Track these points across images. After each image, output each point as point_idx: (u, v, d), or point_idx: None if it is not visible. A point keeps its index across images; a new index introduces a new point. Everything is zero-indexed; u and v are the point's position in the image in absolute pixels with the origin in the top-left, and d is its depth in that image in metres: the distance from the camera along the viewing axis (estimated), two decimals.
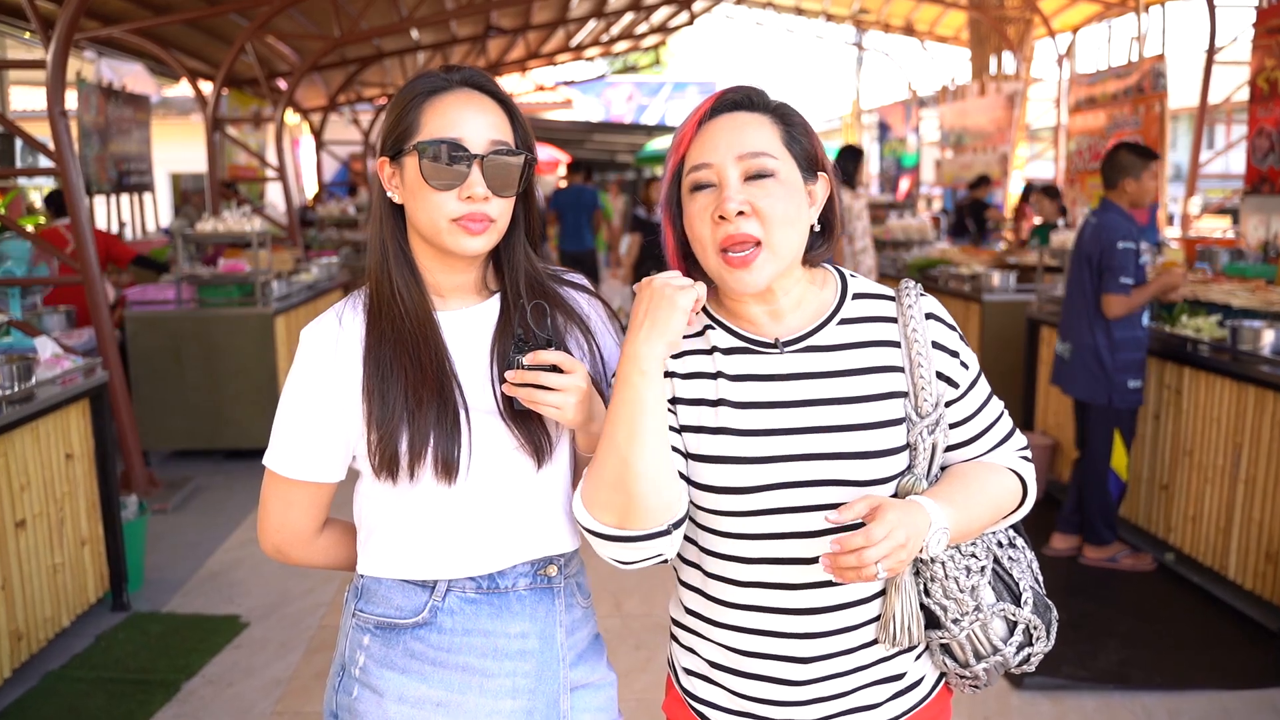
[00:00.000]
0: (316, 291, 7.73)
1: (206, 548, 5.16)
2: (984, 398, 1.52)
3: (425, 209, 1.45)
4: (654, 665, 3.82)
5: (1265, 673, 3.74)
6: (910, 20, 17.06)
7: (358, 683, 1.54)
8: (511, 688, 1.54)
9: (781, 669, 1.46)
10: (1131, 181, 4.54)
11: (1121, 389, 4.54)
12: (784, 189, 1.39)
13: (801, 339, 1.46)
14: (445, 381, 1.48)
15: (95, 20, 8.67)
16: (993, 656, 1.47)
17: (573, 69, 25.07)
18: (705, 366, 1.47)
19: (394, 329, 1.48)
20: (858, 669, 1.47)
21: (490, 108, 1.49)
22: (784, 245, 1.38)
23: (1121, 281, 4.44)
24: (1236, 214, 10.19)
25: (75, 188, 5.42)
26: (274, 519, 1.56)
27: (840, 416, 1.42)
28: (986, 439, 1.53)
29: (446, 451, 1.45)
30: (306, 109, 14.88)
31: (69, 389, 4.06)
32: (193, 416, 6.57)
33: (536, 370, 1.41)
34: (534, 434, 1.50)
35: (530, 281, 1.57)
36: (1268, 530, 4.04)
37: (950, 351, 1.48)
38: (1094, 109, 11.04)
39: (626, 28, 17.07)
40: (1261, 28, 7.70)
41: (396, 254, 1.51)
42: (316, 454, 1.50)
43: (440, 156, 1.43)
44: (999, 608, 1.46)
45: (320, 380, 1.48)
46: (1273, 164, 7.61)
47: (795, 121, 1.44)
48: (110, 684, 3.75)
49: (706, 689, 1.55)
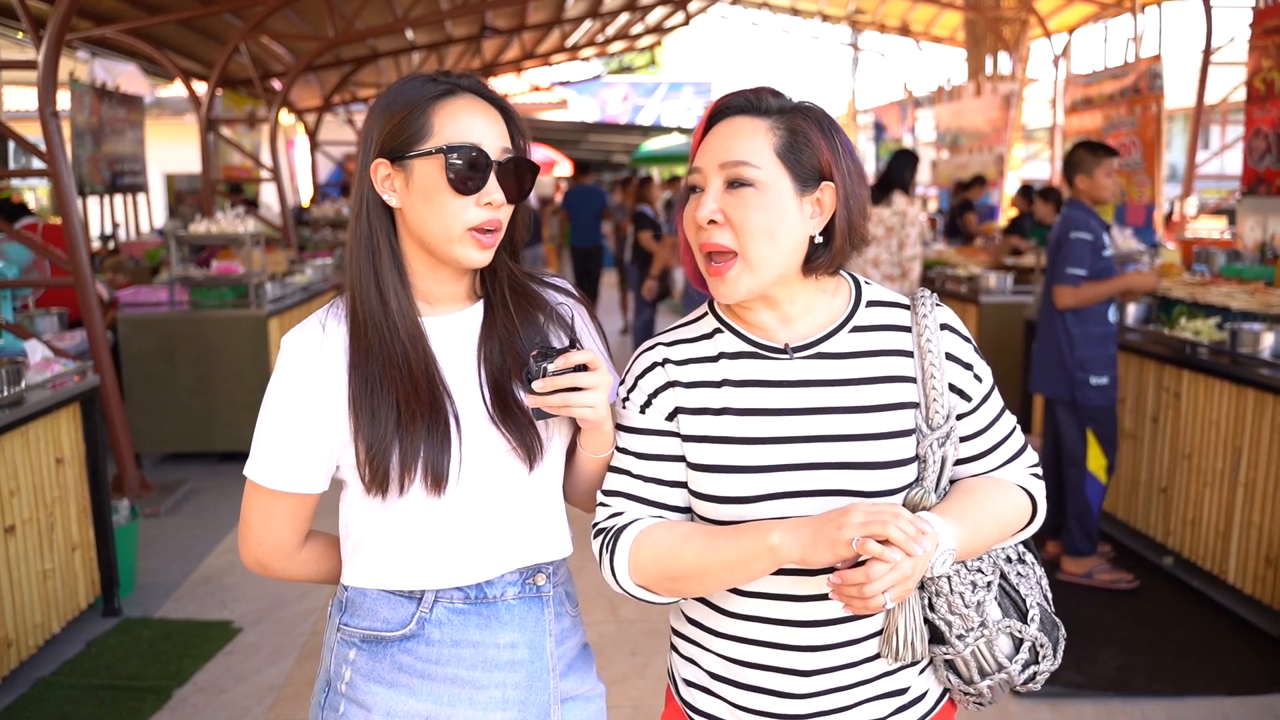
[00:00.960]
0: (311, 293, 7.69)
1: (199, 552, 5.12)
2: (996, 412, 1.50)
3: (440, 215, 1.41)
4: (650, 671, 3.79)
5: (1265, 678, 3.71)
6: (906, 20, 17.07)
7: (344, 699, 1.51)
8: (502, 699, 1.51)
9: (783, 681, 1.43)
10: (1084, 178, 4.52)
11: (1084, 386, 4.47)
12: (763, 199, 1.35)
13: (811, 345, 1.43)
14: (436, 394, 1.44)
15: (88, 20, 8.63)
16: (998, 674, 1.44)
17: (568, 69, 25.06)
18: (710, 375, 1.45)
19: (380, 341, 1.43)
20: (860, 683, 1.44)
21: (496, 116, 1.46)
22: (761, 258, 1.35)
23: (1069, 272, 4.40)
24: (1233, 215, 10.19)
25: (67, 189, 5.38)
26: (255, 531, 1.52)
27: (849, 426, 1.39)
28: (998, 454, 1.51)
29: (436, 463, 1.42)
30: (301, 109, 14.83)
31: (59, 393, 4.02)
32: (186, 419, 6.53)
33: (566, 374, 1.39)
34: (526, 436, 1.47)
35: (514, 285, 1.55)
36: (1267, 534, 4.02)
37: (964, 364, 1.45)
38: (1090, 110, 11.03)
39: (622, 28, 17.07)
40: (1258, 28, 7.69)
41: (387, 258, 1.45)
42: (299, 464, 1.46)
43: (465, 161, 1.40)
44: (1005, 624, 1.43)
45: (303, 389, 1.44)
46: (1269, 165, 7.60)
47: (800, 129, 1.38)
48: (101, 690, 3.72)
49: (706, 700, 1.52)
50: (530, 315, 1.53)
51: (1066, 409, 4.57)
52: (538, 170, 1.50)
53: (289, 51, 11.58)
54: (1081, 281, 4.41)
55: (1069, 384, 4.50)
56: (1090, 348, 4.48)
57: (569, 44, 16.99)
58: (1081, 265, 4.41)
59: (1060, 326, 4.51)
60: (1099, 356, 4.49)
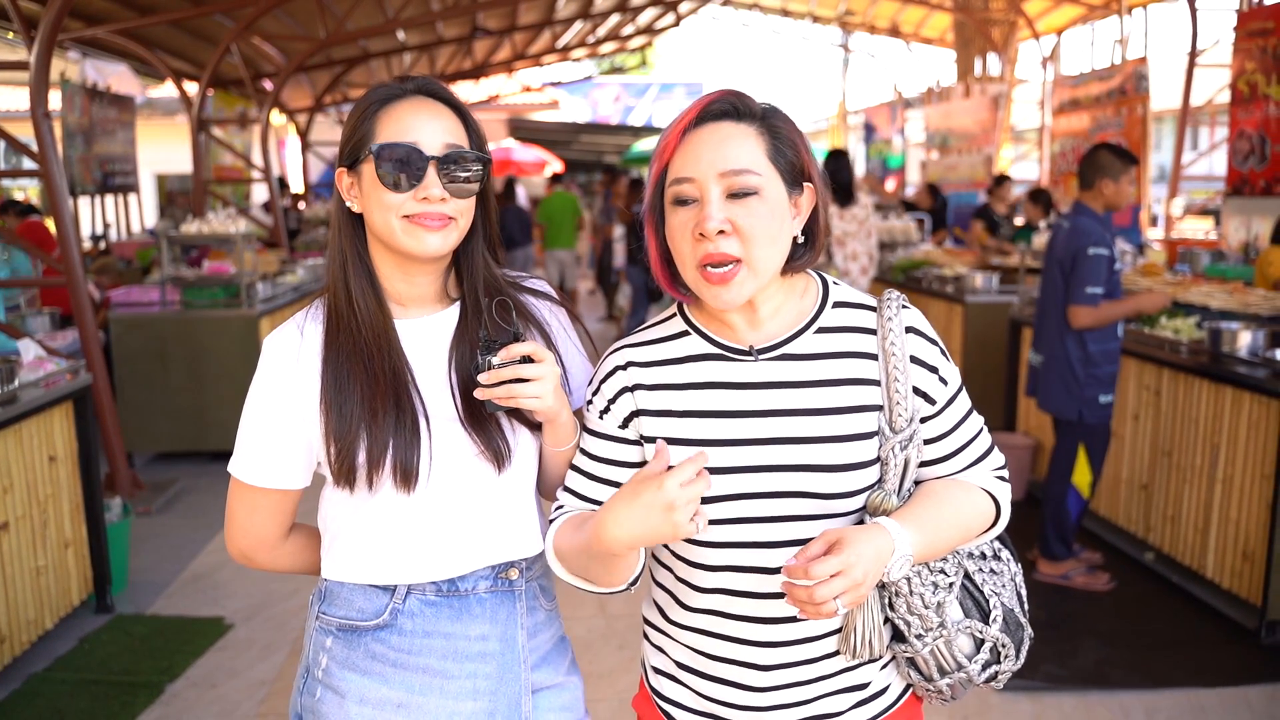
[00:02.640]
0: (302, 293, 7.72)
1: (191, 550, 5.16)
2: (962, 414, 1.49)
3: (380, 212, 1.46)
4: (636, 666, 3.81)
5: (1241, 671, 3.78)
6: (896, 22, 17.14)
7: (320, 684, 1.56)
8: (472, 689, 1.55)
9: (743, 674, 1.46)
10: (1109, 183, 4.36)
11: (1092, 404, 4.39)
12: (766, 206, 1.35)
13: (776, 347, 1.43)
14: (401, 391, 1.49)
15: (79, 21, 8.65)
16: (957, 672, 1.44)
17: (559, 70, 25.11)
18: (674, 377, 1.46)
19: (350, 339, 1.49)
20: (819, 678, 1.46)
21: (443, 113, 1.50)
22: (764, 262, 1.36)
23: (1088, 291, 4.25)
24: (1219, 215, 10.27)
25: (59, 189, 5.41)
26: (240, 525, 1.58)
27: (811, 428, 1.40)
28: (962, 456, 1.50)
29: (406, 460, 1.47)
30: (292, 110, 14.84)
31: (52, 391, 4.06)
32: (177, 418, 6.55)
33: (510, 365, 1.42)
34: (493, 440, 1.52)
35: (490, 288, 1.58)
36: (1245, 530, 4.09)
37: (929, 367, 1.44)
38: (1077, 111, 11.12)
39: (613, 29, 17.10)
40: (1242, 31, 7.78)
41: (355, 263, 1.52)
42: (279, 461, 1.52)
43: (395, 159, 1.44)
44: (965, 624, 1.43)
45: (282, 390, 1.50)
46: (1253, 166, 7.68)
47: (782, 133, 1.39)
48: (94, 686, 3.75)
49: (673, 688, 1.56)
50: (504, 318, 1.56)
51: (1068, 426, 4.50)
52: (488, 163, 1.52)
53: (280, 52, 11.59)
54: (1100, 301, 4.28)
55: (1078, 403, 4.40)
56: (1104, 365, 4.38)
57: (560, 45, 17.02)
58: (1100, 284, 4.26)
59: (1074, 345, 4.38)
60: (1109, 374, 4.40)
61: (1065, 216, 4.54)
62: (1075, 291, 4.29)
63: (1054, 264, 4.46)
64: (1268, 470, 3.94)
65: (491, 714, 1.57)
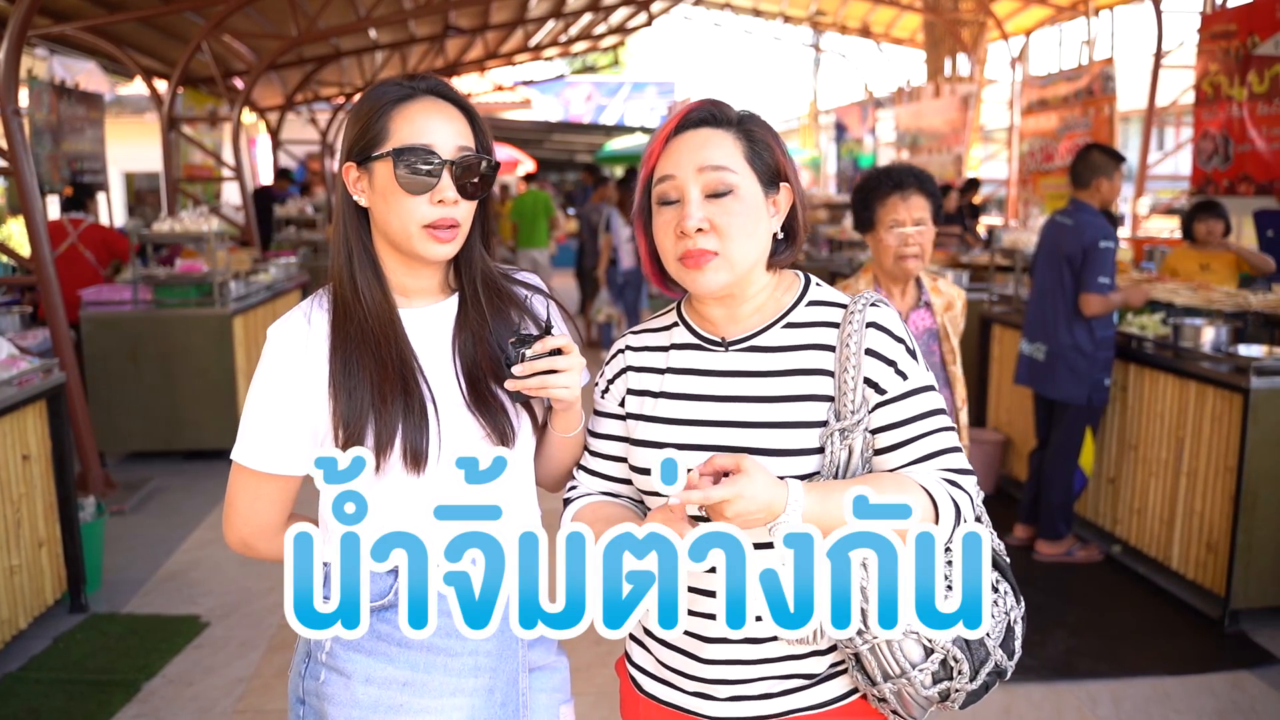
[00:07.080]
0: (275, 292, 7.70)
1: (165, 549, 5.14)
2: (919, 411, 1.49)
3: (398, 214, 1.51)
4: (613, 660, 3.85)
5: (1205, 658, 3.87)
6: (866, 22, 17.26)
7: (324, 667, 1.59)
8: (474, 666, 1.59)
9: (691, 645, 1.54)
10: (1105, 181, 4.61)
11: (1099, 387, 4.64)
12: (742, 205, 1.47)
13: (748, 339, 1.55)
14: (409, 377, 1.54)
15: (48, 18, 8.55)
16: (899, 678, 1.42)
17: (531, 69, 25.03)
18: (657, 362, 1.61)
19: (358, 328, 1.54)
20: (763, 660, 1.50)
21: (455, 115, 1.55)
22: (739, 255, 1.47)
23: (1100, 281, 4.52)
24: (1184, 214, 10.41)
25: (29, 188, 5.37)
26: (241, 512, 1.60)
27: (761, 414, 1.49)
28: (909, 450, 1.48)
29: (415, 443, 1.51)
30: (263, 108, 14.75)
31: (25, 390, 4.03)
32: (150, 418, 6.52)
33: (543, 358, 1.49)
34: (499, 422, 1.57)
35: (486, 280, 1.64)
36: (1208, 521, 4.17)
37: (886, 360, 1.47)
38: (1045, 111, 11.25)
39: (585, 28, 17.12)
40: (1205, 33, 7.90)
41: (360, 255, 1.57)
42: (284, 448, 1.55)
43: (415, 162, 1.49)
44: (914, 630, 1.37)
45: (289, 376, 1.53)
46: (1217, 166, 7.80)
47: (758, 136, 1.51)
48: (69, 685, 3.74)
49: (639, 652, 1.66)
50: (501, 309, 1.64)
51: (1077, 410, 4.70)
52: (497, 166, 1.58)
53: (251, 50, 11.52)
54: (1109, 290, 4.54)
55: (1088, 387, 4.64)
56: (1108, 350, 4.64)
57: (532, 44, 17.02)
58: (1109, 274, 4.54)
59: (1084, 332, 4.61)
60: (1109, 359, 4.67)
61: (1065, 214, 4.72)
62: (1089, 281, 4.53)
63: (1059, 259, 4.66)
64: (1230, 463, 4.03)
65: (491, 690, 1.61)
